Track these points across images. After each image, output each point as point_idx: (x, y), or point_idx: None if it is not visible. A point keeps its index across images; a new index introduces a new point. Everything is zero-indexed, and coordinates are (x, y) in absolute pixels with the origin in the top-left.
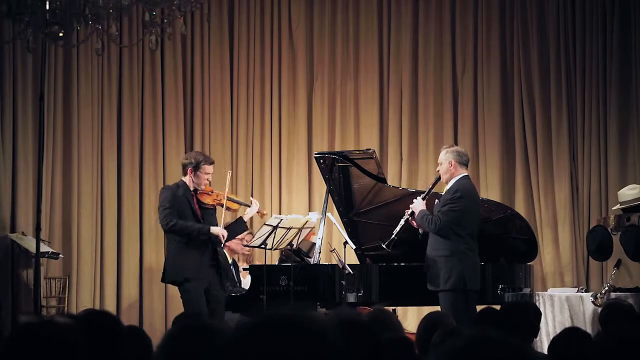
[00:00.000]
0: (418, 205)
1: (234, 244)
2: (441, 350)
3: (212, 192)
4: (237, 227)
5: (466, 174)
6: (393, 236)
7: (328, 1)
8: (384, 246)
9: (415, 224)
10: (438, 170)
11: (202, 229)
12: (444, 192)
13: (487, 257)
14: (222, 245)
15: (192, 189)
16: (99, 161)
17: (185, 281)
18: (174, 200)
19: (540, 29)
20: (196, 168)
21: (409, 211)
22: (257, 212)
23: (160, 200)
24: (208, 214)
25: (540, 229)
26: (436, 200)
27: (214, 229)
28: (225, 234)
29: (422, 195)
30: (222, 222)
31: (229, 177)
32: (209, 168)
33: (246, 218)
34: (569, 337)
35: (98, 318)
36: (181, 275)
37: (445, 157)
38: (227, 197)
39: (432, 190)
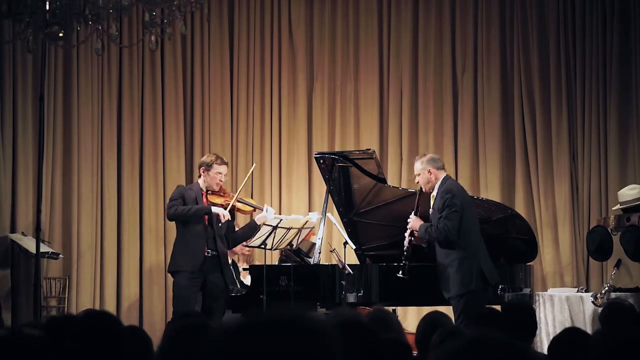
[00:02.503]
0: (415, 223)
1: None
2: (440, 350)
3: (224, 193)
4: (248, 229)
5: (446, 174)
6: (404, 262)
7: (328, 1)
8: (400, 275)
9: (418, 240)
10: (417, 182)
11: (203, 208)
12: (432, 197)
13: None
14: (219, 225)
15: (204, 189)
16: (99, 161)
17: (179, 272)
18: (182, 195)
19: (540, 29)
20: (208, 168)
21: (409, 232)
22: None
23: (170, 196)
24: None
25: (540, 229)
26: (431, 210)
27: (214, 208)
28: (227, 215)
29: (414, 212)
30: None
31: (252, 169)
32: (220, 168)
33: (258, 222)
34: (569, 337)
35: (98, 318)
36: (175, 266)
37: (422, 167)
38: (238, 199)
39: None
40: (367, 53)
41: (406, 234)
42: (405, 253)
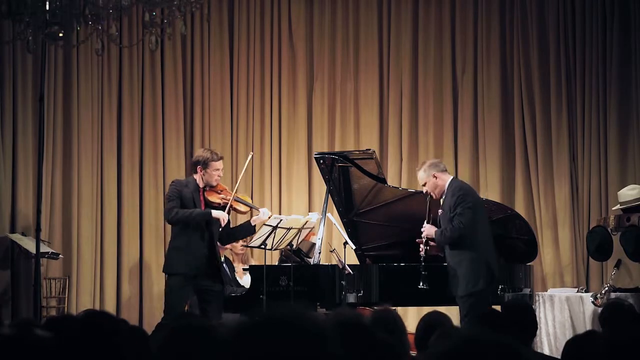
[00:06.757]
0: (430, 230)
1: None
2: (432, 350)
3: (221, 190)
4: (243, 229)
5: (452, 176)
6: (423, 272)
7: (328, 1)
8: (421, 287)
9: (435, 249)
10: (427, 191)
11: (204, 212)
12: (442, 201)
13: None
14: (220, 228)
15: (201, 186)
16: (99, 161)
17: (173, 275)
18: (179, 194)
19: (540, 29)
20: (205, 166)
21: (424, 240)
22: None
23: (167, 194)
24: None
25: (540, 229)
26: (440, 211)
27: (215, 212)
28: (226, 217)
29: (426, 220)
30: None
31: (249, 158)
32: (217, 164)
33: (254, 222)
34: (585, 341)
35: (98, 318)
36: (171, 268)
37: (426, 174)
38: (235, 197)
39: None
40: (367, 53)
41: (421, 246)
42: (422, 263)
